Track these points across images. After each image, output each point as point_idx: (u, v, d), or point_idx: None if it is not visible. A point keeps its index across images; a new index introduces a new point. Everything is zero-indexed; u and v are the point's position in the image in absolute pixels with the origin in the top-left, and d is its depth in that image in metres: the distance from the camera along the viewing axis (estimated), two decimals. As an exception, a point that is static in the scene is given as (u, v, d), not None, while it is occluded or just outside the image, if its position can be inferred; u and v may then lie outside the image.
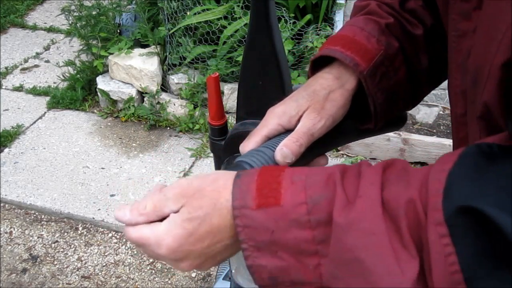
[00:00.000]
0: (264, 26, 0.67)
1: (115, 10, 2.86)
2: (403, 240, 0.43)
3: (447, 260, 0.40)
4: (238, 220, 0.48)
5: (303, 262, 0.47)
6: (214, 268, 2.05)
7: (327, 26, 2.70)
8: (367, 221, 0.44)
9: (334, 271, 0.46)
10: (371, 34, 0.71)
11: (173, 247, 0.51)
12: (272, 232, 0.47)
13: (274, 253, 0.48)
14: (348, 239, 0.44)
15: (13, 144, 2.69)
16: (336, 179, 0.47)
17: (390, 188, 0.45)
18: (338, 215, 0.45)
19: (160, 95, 2.78)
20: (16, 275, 2.05)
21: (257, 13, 0.66)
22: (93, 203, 2.33)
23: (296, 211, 0.47)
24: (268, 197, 0.48)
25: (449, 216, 0.40)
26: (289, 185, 0.48)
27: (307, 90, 0.68)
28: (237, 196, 0.49)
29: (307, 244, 0.47)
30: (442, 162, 0.44)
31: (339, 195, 0.46)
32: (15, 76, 3.26)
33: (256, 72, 0.72)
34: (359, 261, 0.44)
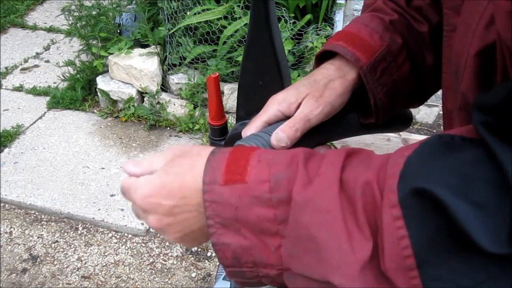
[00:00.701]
0: (264, 26, 0.67)
1: (115, 10, 2.86)
2: (358, 221, 0.43)
3: (400, 244, 0.40)
4: (206, 195, 0.49)
5: (265, 243, 0.47)
6: (214, 268, 2.05)
7: (327, 26, 2.70)
8: (323, 199, 0.44)
9: (291, 249, 0.46)
10: (375, 30, 0.72)
11: (145, 194, 0.52)
12: (236, 208, 0.47)
13: (238, 231, 0.48)
14: (304, 216, 0.44)
15: (13, 144, 2.69)
16: (299, 159, 0.48)
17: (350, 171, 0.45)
18: (297, 192, 0.45)
19: (160, 95, 2.78)
20: (16, 275, 2.05)
21: (257, 13, 0.66)
22: (93, 203, 2.33)
23: (259, 188, 0.47)
24: (235, 174, 0.48)
25: (403, 198, 0.40)
26: (255, 163, 0.49)
27: (308, 79, 0.70)
28: (208, 171, 0.50)
29: (269, 223, 0.47)
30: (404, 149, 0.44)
31: (300, 174, 0.46)
32: (15, 76, 3.26)
33: (256, 72, 0.72)
34: (312, 238, 0.44)
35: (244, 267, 0.49)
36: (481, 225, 0.37)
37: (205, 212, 0.49)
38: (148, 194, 0.52)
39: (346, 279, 0.42)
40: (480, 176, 0.39)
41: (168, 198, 0.51)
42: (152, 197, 0.52)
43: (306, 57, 2.68)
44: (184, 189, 0.51)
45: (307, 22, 2.68)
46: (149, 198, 0.52)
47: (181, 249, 2.14)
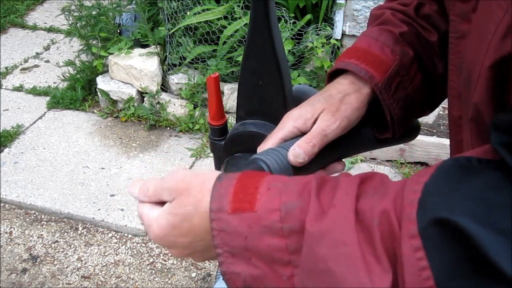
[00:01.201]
0: (264, 26, 0.67)
1: (115, 10, 2.86)
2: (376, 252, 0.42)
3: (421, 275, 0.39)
4: (214, 223, 0.48)
5: (277, 272, 0.46)
6: (214, 268, 2.05)
7: (327, 26, 2.70)
8: (339, 231, 0.43)
9: (305, 281, 0.45)
10: (386, 44, 0.71)
11: (158, 235, 0.53)
12: (245, 238, 0.46)
13: (248, 260, 0.47)
14: (320, 249, 0.43)
15: (13, 144, 2.69)
16: (311, 188, 0.46)
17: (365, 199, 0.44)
18: (310, 224, 0.44)
19: (160, 95, 2.79)
20: (16, 275, 2.05)
21: (257, 13, 0.66)
22: (93, 203, 2.33)
23: (269, 217, 0.46)
24: (243, 202, 0.47)
25: (423, 228, 0.39)
26: (265, 191, 0.47)
27: (323, 94, 0.69)
28: (215, 199, 0.49)
29: (281, 253, 0.46)
30: (419, 174, 0.43)
31: (313, 204, 0.45)
32: (15, 76, 3.26)
33: (256, 72, 0.72)
34: (329, 272, 0.43)
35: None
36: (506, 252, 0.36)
37: (213, 240, 0.48)
38: (161, 236, 0.53)
39: None
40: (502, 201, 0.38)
41: (182, 236, 0.52)
42: (165, 237, 0.53)
43: (306, 57, 2.68)
44: (195, 230, 0.51)
45: (307, 22, 2.68)
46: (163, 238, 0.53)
47: (181, 249, 2.14)
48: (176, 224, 0.51)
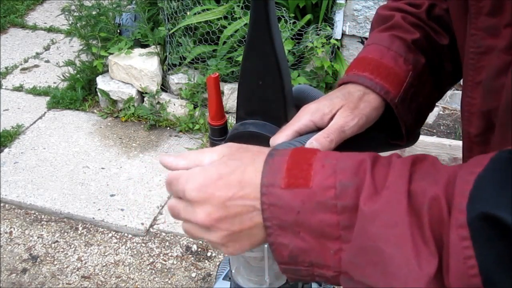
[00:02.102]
0: (264, 26, 0.67)
1: (115, 10, 2.86)
2: (425, 236, 0.43)
3: (466, 263, 0.40)
4: (264, 197, 0.48)
5: (325, 246, 0.47)
6: (214, 268, 2.05)
7: (327, 26, 2.70)
8: (392, 213, 0.44)
9: (354, 258, 0.46)
10: (398, 53, 0.70)
11: (200, 184, 0.50)
12: (298, 213, 0.47)
13: (297, 234, 0.48)
14: (371, 228, 0.44)
15: (13, 144, 2.69)
16: (366, 167, 0.47)
17: (417, 182, 0.45)
18: (364, 203, 0.45)
19: (160, 95, 2.79)
20: (16, 275, 2.05)
21: (257, 13, 0.66)
22: (93, 203, 2.33)
23: (324, 194, 0.46)
24: (297, 178, 0.48)
25: (472, 220, 0.40)
26: (319, 168, 0.48)
27: (341, 91, 0.69)
28: (266, 173, 0.49)
29: (331, 228, 0.46)
30: (473, 164, 0.43)
31: (368, 184, 0.46)
32: (15, 76, 3.26)
33: (256, 72, 0.72)
34: (379, 251, 0.44)
35: (300, 266, 0.49)
36: None
37: (262, 214, 0.48)
38: (203, 184, 0.50)
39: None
40: None
41: (225, 188, 0.50)
42: (207, 187, 0.50)
43: (306, 57, 2.68)
44: (244, 182, 0.50)
45: (307, 22, 2.68)
46: (204, 188, 0.50)
47: (181, 249, 2.14)
48: (225, 175, 0.50)
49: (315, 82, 2.68)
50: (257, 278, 0.80)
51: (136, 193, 2.38)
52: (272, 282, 0.80)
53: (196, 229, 0.53)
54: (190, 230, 0.54)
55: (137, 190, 2.40)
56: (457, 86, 2.84)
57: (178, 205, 0.53)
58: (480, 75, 0.54)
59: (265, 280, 0.78)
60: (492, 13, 0.51)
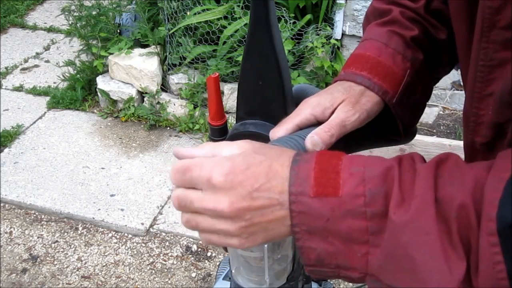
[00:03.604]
0: (264, 26, 0.67)
1: (115, 10, 2.86)
2: (453, 241, 0.44)
3: (495, 268, 0.42)
4: (294, 205, 0.49)
5: (352, 249, 0.48)
6: (214, 268, 2.05)
7: (327, 26, 2.70)
8: (421, 222, 0.45)
9: (383, 263, 0.47)
10: (397, 50, 0.70)
11: (228, 171, 0.49)
12: (327, 220, 0.48)
13: (325, 238, 0.49)
14: (402, 236, 0.45)
15: (13, 144, 2.69)
16: (394, 174, 0.48)
17: (444, 189, 0.46)
18: (394, 213, 0.46)
19: (160, 95, 2.79)
20: (16, 275, 2.05)
21: (257, 13, 0.66)
22: (93, 203, 2.33)
23: (353, 202, 0.47)
24: (326, 187, 0.48)
25: (502, 228, 0.42)
26: (347, 177, 0.49)
27: (343, 85, 0.68)
28: (294, 181, 0.49)
29: (360, 233, 0.48)
30: (500, 169, 0.44)
31: (396, 191, 0.47)
32: (15, 76, 3.26)
33: (256, 72, 0.72)
34: (410, 258, 0.45)
35: (326, 268, 0.50)
36: None
37: (291, 220, 0.49)
38: (231, 171, 0.49)
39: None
40: None
41: (252, 178, 0.49)
42: (236, 175, 0.49)
43: (306, 57, 2.68)
44: (271, 174, 0.50)
45: (307, 22, 2.68)
46: (232, 175, 0.49)
47: (181, 249, 2.14)
48: (252, 164, 0.50)
49: (315, 82, 2.67)
50: (257, 278, 0.80)
51: (136, 193, 2.38)
52: (272, 282, 0.80)
53: (211, 219, 0.51)
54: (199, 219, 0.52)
55: (137, 190, 2.40)
56: (457, 86, 2.83)
57: (192, 194, 0.52)
58: (490, 87, 0.53)
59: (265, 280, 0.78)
60: (510, 26, 0.50)
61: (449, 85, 2.83)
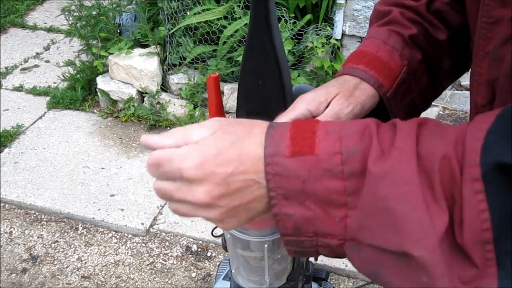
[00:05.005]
0: (264, 26, 0.67)
1: (115, 10, 2.86)
2: (435, 194, 0.43)
3: (480, 217, 0.41)
4: (269, 167, 0.47)
5: (330, 213, 0.47)
6: (214, 268, 2.05)
7: (327, 26, 2.70)
8: (402, 172, 0.44)
9: (362, 221, 0.46)
10: (394, 48, 0.71)
11: (198, 162, 0.48)
12: (303, 181, 0.47)
13: (302, 202, 0.47)
14: (381, 188, 0.44)
15: (13, 144, 2.69)
16: (372, 131, 0.47)
17: (425, 144, 0.45)
18: (372, 164, 0.45)
19: (160, 95, 2.79)
20: (16, 275, 2.05)
21: (257, 13, 0.66)
22: (93, 203, 2.33)
23: (330, 160, 0.46)
24: (302, 146, 0.47)
25: (486, 173, 0.41)
26: (323, 135, 0.48)
27: (338, 80, 0.69)
28: (269, 143, 0.48)
29: (337, 194, 0.46)
30: (479, 121, 0.44)
31: (375, 147, 0.46)
32: (15, 76, 3.26)
33: (256, 72, 0.72)
34: (390, 211, 0.44)
35: (304, 236, 0.49)
36: None
37: (267, 184, 0.48)
38: (201, 161, 0.48)
39: (426, 251, 0.42)
40: None
41: (225, 165, 0.48)
42: (206, 165, 0.48)
43: (306, 57, 2.68)
44: (243, 155, 0.49)
45: (307, 22, 2.68)
46: (203, 165, 0.48)
47: (181, 249, 2.14)
48: (223, 150, 0.49)
49: (315, 82, 2.68)
50: (257, 278, 0.80)
51: (136, 193, 2.38)
52: (272, 282, 0.80)
53: (192, 208, 0.51)
54: (183, 210, 0.52)
55: (137, 190, 2.40)
56: (457, 86, 2.84)
57: (170, 186, 0.51)
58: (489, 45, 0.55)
59: (265, 280, 0.78)
60: None
61: (449, 85, 2.83)
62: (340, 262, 2.02)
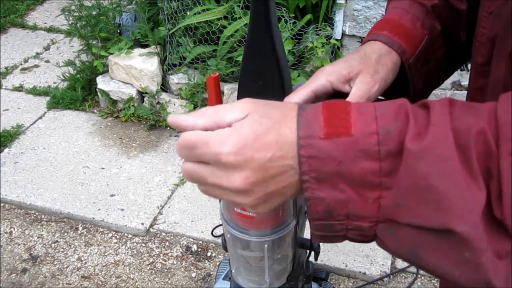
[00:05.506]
0: (264, 26, 0.67)
1: (115, 10, 2.86)
2: (473, 170, 0.43)
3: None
4: (302, 150, 0.46)
5: (363, 195, 0.46)
6: (214, 268, 2.05)
7: (327, 26, 2.70)
8: (441, 148, 0.43)
9: (400, 200, 0.45)
10: (416, 16, 0.73)
11: (237, 146, 0.47)
12: (339, 163, 0.46)
13: (335, 185, 0.46)
14: (421, 166, 0.44)
15: (13, 144, 2.69)
16: (407, 110, 0.46)
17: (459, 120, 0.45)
18: (410, 143, 0.44)
19: (160, 95, 2.79)
20: (16, 275, 2.05)
21: (257, 13, 0.66)
22: (93, 203, 2.33)
23: (366, 141, 0.45)
24: (337, 127, 0.46)
25: None
26: (358, 116, 0.47)
27: (358, 53, 0.70)
28: (302, 126, 0.47)
29: (372, 175, 0.46)
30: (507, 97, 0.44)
31: (412, 125, 0.45)
32: (15, 76, 3.26)
33: (256, 72, 0.72)
34: (431, 188, 0.43)
35: (334, 220, 0.48)
36: None
37: (300, 168, 0.47)
38: (240, 147, 0.47)
39: (469, 226, 0.42)
40: None
41: (263, 150, 0.47)
42: (245, 150, 0.47)
43: (306, 57, 2.68)
44: (281, 141, 0.47)
45: (307, 22, 2.68)
46: (242, 150, 0.47)
47: (181, 249, 2.14)
48: (261, 134, 0.47)
49: (315, 82, 2.67)
50: (257, 278, 0.80)
51: (136, 193, 2.38)
52: (272, 282, 0.80)
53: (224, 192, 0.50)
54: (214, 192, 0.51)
55: (137, 190, 2.40)
56: (457, 86, 2.84)
57: (203, 170, 0.50)
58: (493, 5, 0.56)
59: (265, 280, 0.78)
60: None
61: (449, 85, 2.83)
62: (340, 262, 2.02)
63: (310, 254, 0.99)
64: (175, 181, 2.44)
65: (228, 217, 0.79)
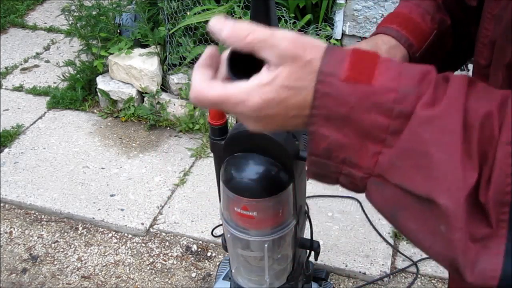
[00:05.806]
0: (264, 26, 0.67)
1: (115, 10, 2.86)
2: (471, 150, 0.43)
3: (506, 181, 0.41)
4: (319, 85, 0.46)
5: (365, 146, 0.47)
6: (214, 268, 2.05)
7: (327, 26, 2.70)
8: (448, 121, 0.44)
9: (395, 160, 0.46)
10: (427, 11, 0.74)
11: (258, 107, 0.48)
12: (351, 108, 0.46)
13: (341, 129, 0.47)
14: (425, 132, 0.44)
15: (13, 144, 2.69)
16: (432, 78, 0.46)
17: (473, 99, 0.45)
18: (421, 108, 0.44)
19: (160, 95, 2.79)
20: (16, 275, 2.05)
21: (257, 13, 0.66)
22: (93, 203, 2.33)
23: (384, 96, 0.45)
24: (361, 73, 0.46)
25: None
26: (384, 69, 0.47)
27: (369, 42, 0.72)
28: (327, 62, 0.47)
29: (379, 130, 0.46)
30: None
31: (430, 93, 0.45)
32: (15, 76, 3.26)
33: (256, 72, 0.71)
34: (427, 155, 0.44)
35: (331, 161, 0.48)
36: None
37: (313, 101, 0.47)
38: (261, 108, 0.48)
39: (451, 202, 0.42)
40: None
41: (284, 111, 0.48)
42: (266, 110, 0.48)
43: (306, 57, 2.68)
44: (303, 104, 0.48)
45: (307, 22, 2.68)
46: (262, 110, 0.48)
47: (181, 249, 2.14)
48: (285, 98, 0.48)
49: (315, 82, 2.67)
50: (257, 278, 0.80)
51: (136, 193, 2.38)
52: (272, 282, 0.80)
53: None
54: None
55: (137, 190, 2.40)
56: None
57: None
58: (497, 8, 0.57)
59: (265, 280, 0.78)
60: None
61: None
62: (340, 262, 2.02)
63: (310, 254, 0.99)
64: (175, 181, 2.44)
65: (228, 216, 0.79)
